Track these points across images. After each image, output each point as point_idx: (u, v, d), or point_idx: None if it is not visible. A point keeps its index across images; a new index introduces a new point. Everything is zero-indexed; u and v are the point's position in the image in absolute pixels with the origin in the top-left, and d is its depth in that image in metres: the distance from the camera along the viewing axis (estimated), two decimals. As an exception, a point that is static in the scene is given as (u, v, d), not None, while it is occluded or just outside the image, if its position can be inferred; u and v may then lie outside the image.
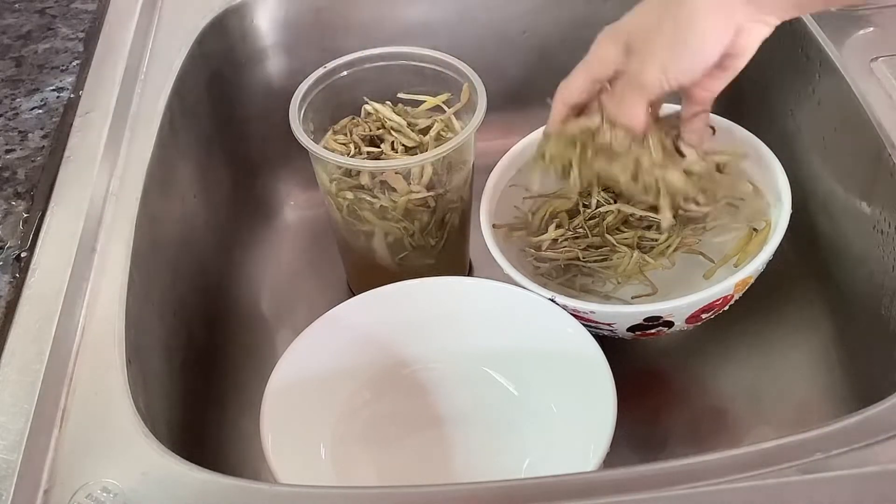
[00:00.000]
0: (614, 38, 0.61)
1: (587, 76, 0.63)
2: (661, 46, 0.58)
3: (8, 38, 0.76)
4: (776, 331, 0.74)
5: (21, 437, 0.50)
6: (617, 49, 0.61)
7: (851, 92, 0.66)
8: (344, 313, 0.66)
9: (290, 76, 0.81)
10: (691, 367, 0.73)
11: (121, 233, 0.62)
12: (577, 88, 0.63)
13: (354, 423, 0.65)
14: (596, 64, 0.62)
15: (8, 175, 0.64)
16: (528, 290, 0.65)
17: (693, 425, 0.70)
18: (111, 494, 0.48)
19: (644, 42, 0.59)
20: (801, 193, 0.68)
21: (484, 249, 0.68)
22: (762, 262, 0.63)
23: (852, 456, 0.48)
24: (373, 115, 0.74)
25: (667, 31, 0.57)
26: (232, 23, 0.82)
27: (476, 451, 0.65)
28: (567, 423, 0.63)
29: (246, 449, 0.66)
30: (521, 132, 0.75)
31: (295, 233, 0.87)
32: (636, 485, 0.47)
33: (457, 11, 0.86)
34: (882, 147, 0.63)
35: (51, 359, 0.54)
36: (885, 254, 0.64)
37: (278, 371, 0.62)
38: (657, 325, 0.64)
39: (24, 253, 0.59)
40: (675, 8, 0.57)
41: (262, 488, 0.50)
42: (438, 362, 0.68)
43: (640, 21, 0.59)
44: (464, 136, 0.68)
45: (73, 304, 0.57)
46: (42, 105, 0.69)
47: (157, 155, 0.68)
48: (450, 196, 0.71)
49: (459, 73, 0.72)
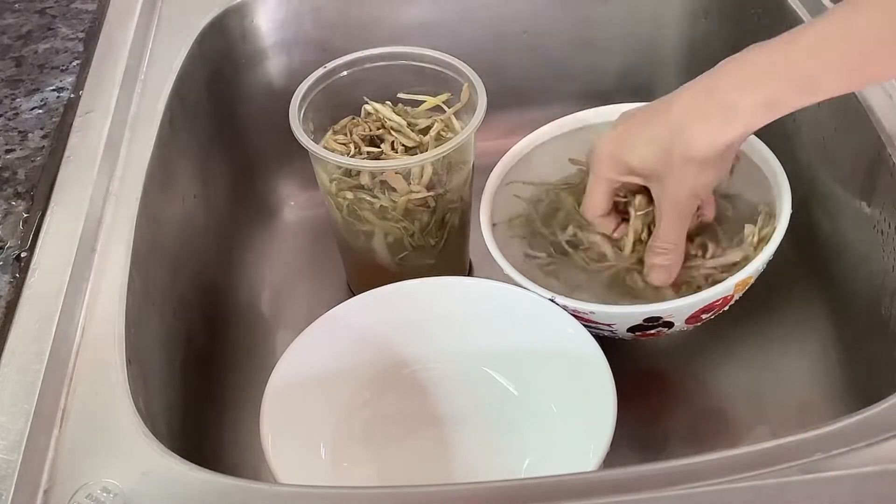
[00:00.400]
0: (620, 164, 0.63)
1: (604, 193, 0.65)
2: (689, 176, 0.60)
3: (8, 38, 0.76)
4: (776, 331, 0.74)
5: (21, 437, 0.50)
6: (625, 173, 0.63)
7: (851, 92, 0.66)
8: (344, 313, 0.66)
9: (290, 76, 0.81)
10: (691, 367, 0.73)
11: (121, 233, 0.62)
12: (599, 205, 0.66)
13: (354, 423, 0.65)
14: (609, 182, 0.64)
15: (8, 175, 0.64)
16: (528, 290, 0.65)
17: (693, 425, 0.70)
18: (111, 494, 0.48)
19: (666, 175, 0.60)
20: (801, 193, 0.68)
21: (484, 249, 0.68)
22: (762, 262, 0.63)
23: (852, 456, 0.48)
24: (373, 115, 0.73)
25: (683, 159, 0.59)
26: (232, 23, 0.82)
27: (476, 451, 0.65)
28: (567, 423, 0.63)
29: (246, 449, 0.66)
30: (521, 132, 0.75)
31: (295, 233, 0.87)
32: (636, 485, 0.47)
33: (457, 11, 0.86)
34: (882, 147, 0.63)
35: (51, 359, 0.54)
36: (885, 254, 0.64)
37: (278, 371, 0.62)
38: (657, 325, 0.64)
39: (24, 253, 0.59)
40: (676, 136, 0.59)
41: (262, 488, 0.50)
42: (438, 362, 0.68)
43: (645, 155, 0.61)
44: (464, 136, 0.68)
45: (73, 304, 0.57)
46: (42, 105, 0.69)
47: (157, 155, 0.68)
48: (450, 196, 0.71)
49: (459, 73, 0.72)
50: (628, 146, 0.62)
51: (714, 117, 0.57)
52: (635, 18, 0.88)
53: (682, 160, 0.59)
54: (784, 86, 0.56)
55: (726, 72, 0.58)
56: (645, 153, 0.61)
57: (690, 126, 0.58)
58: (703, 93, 0.58)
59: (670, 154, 0.59)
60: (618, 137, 0.63)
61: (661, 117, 0.60)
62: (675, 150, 0.59)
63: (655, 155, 0.60)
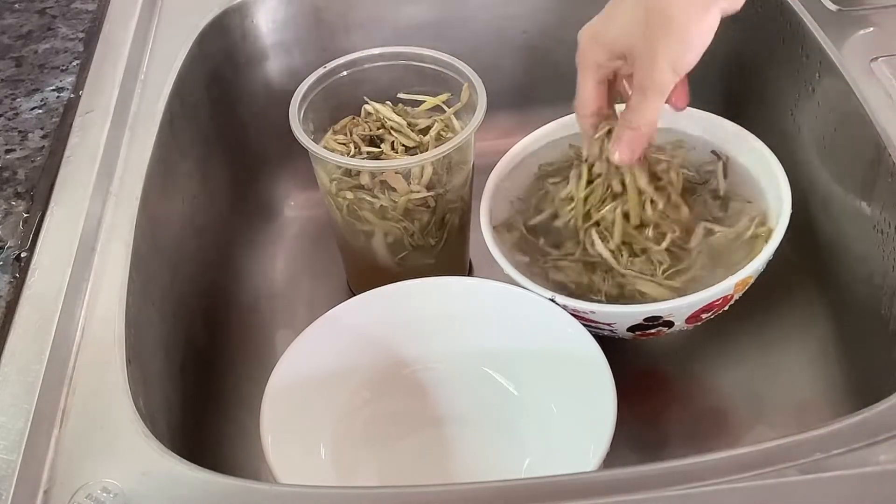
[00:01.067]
0: (602, 45, 0.62)
1: (593, 83, 0.64)
2: (663, 47, 0.59)
3: (8, 38, 0.76)
4: (776, 331, 0.74)
5: (21, 437, 0.50)
6: (607, 54, 0.62)
7: (851, 92, 0.66)
8: (344, 313, 0.66)
9: (290, 76, 0.81)
10: (691, 367, 0.73)
11: (121, 233, 0.62)
12: (590, 97, 0.65)
13: (354, 423, 0.65)
14: (595, 69, 0.64)
15: (8, 175, 0.64)
16: (528, 290, 0.65)
17: (693, 425, 0.70)
18: (111, 494, 0.48)
19: (643, 47, 0.60)
20: (801, 193, 0.68)
21: (484, 249, 0.68)
22: (762, 262, 0.63)
23: (852, 456, 0.48)
24: (373, 115, 0.74)
25: (660, 33, 0.59)
26: (232, 23, 0.82)
27: (476, 451, 0.65)
28: (567, 423, 0.63)
29: (246, 449, 0.66)
30: (521, 132, 0.75)
31: (295, 233, 0.87)
32: (636, 485, 0.47)
33: (457, 11, 0.86)
34: (882, 147, 0.63)
35: (51, 359, 0.54)
36: (885, 254, 0.64)
37: (278, 371, 0.62)
38: (657, 325, 0.64)
39: (24, 253, 0.59)
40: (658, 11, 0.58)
41: (262, 488, 0.50)
42: (438, 362, 0.68)
43: (623, 28, 0.61)
44: (464, 136, 0.68)
45: (73, 304, 0.57)
46: (42, 105, 0.69)
47: (157, 155, 0.68)
48: (450, 196, 0.71)
49: (459, 73, 0.72)
50: (607, 28, 0.62)
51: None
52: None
53: (661, 32, 0.58)
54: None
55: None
56: (624, 30, 0.60)
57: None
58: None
59: (650, 27, 0.59)
60: (598, 21, 0.63)
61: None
62: (653, 22, 0.58)
63: (634, 31, 0.60)
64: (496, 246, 0.67)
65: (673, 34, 0.58)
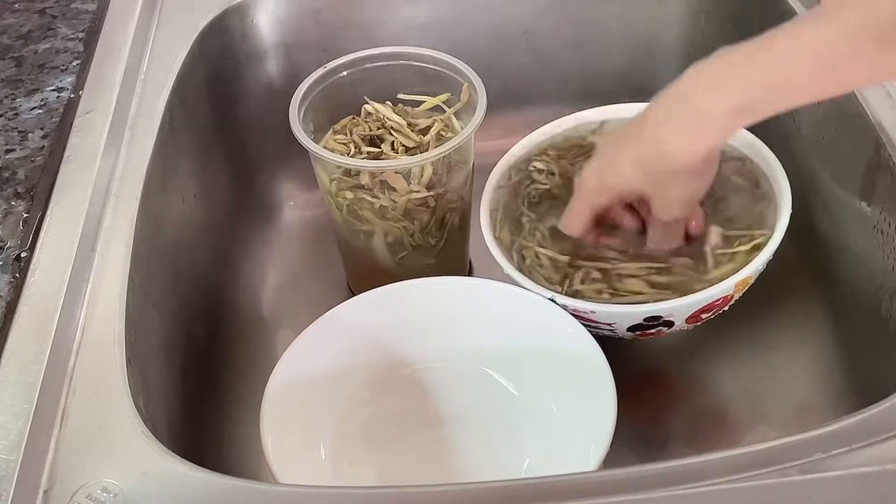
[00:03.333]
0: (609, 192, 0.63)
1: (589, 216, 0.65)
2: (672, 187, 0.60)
3: (8, 38, 0.76)
4: (776, 331, 0.74)
5: (21, 437, 0.50)
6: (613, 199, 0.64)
7: (851, 92, 0.66)
8: (344, 313, 0.66)
9: (290, 76, 0.81)
10: (691, 367, 0.73)
11: (121, 233, 0.62)
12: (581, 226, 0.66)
13: (354, 423, 0.65)
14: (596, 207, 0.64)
15: (8, 175, 0.64)
16: (528, 290, 0.65)
17: (693, 425, 0.70)
18: (111, 494, 0.48)
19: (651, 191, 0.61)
20: (801, 193, 0.68)
21: (484, 249, 0.68)
22: (762, 262, 0.63)
23: (852, 456, 0.48)
24: (373, 115, 0.74)
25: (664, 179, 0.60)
26: (232, 23, 0.82)
27: (476, 451, 0.65)
28: (567, 423, 0.63)
29: (246, 449, 0.66)
30: (521, 132, 0.75)
31: (295, 233, 0.87)
32: (636, 485, 0.47)
33: (456, 11, 0.86)
34: (882, 147, 0.63)
35: (51, 359, 0.54)
36: (885, 254, 0.64)
37: (278, 371, 0.62)
38: (657, 325, 0.64)
39: (24, 253, 0.59)
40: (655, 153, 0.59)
41: (262, 488, 0.50)
42: (438, 362, 0.68)
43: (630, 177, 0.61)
44: (464, 136, 0.68)
45: (73, 304, 0.57)
46: (42, 105, 0.69)
47: (157, 155, 0.68)
48: (450, 196, 0.71)
49: (459, 73, 0.72)
50: (613, 172, 0.62)
51: (688, 128, 0.57)
52: (635, 19, 0.88)
53: (666, 175, 0.59)
54: (756, 92, 0.55)
55: (697, 78, 0.57)
56: (630, 176, 0.61)
57: (666, 140, 0.58)
58: (676, 103, 0.58)
59: (654, 171, 0.60)
60: (602, 165, 0.63)
61: (639, 136, 0.60)
62: (657, 166, 0.59)
63: (640, 175, 0.60)
64: (496, 246, 0.67)
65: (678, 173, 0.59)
